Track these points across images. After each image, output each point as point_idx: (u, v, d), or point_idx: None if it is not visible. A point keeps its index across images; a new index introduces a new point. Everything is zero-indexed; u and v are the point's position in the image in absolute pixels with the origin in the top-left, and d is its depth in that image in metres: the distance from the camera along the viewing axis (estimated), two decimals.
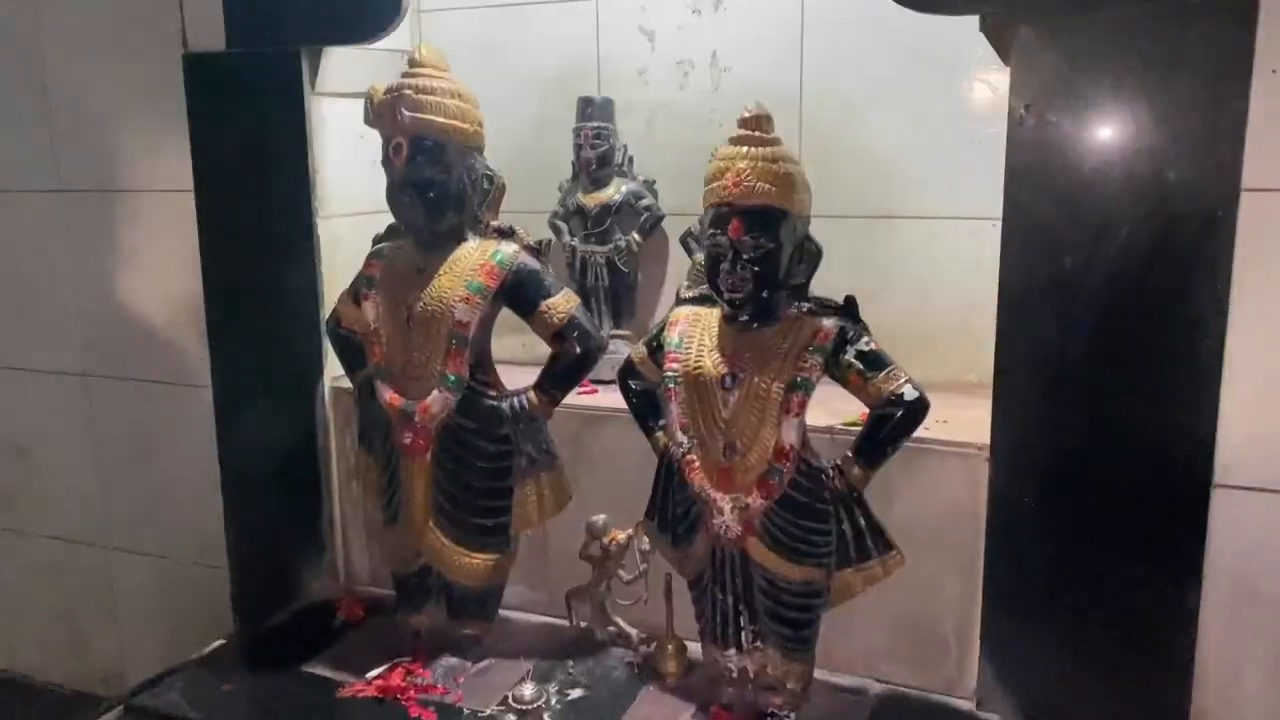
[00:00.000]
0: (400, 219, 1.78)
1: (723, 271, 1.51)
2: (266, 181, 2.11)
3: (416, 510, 1.81)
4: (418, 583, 1.90)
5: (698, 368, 1.57)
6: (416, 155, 1.70)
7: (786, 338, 1.54)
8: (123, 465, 2.46)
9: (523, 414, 1.78)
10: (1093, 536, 1.57)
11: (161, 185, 2.22)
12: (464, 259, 1.75)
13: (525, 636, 1.98)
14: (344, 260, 2.09)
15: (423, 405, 1.75)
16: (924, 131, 1.96)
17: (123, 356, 2.38)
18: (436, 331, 1.74)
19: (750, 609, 1.60)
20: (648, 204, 2.13)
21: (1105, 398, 1.54)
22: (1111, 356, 1.52)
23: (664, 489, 1.68)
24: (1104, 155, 1.47)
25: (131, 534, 2.51)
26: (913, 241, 2.01)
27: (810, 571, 1.56)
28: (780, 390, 1.51)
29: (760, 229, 1.48)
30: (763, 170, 1.48)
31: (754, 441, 1.53)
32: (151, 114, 2.18)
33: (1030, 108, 1.51)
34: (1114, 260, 1.49)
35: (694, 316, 1.63)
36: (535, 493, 1.81)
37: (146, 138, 2.20)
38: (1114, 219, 1.48)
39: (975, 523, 1.65)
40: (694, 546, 1.63)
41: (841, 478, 1.54)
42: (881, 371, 1.50)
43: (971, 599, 1.69)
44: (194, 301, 2.21)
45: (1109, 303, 1.50)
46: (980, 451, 1.65)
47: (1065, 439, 1.57)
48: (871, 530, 1.56)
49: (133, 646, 2.58)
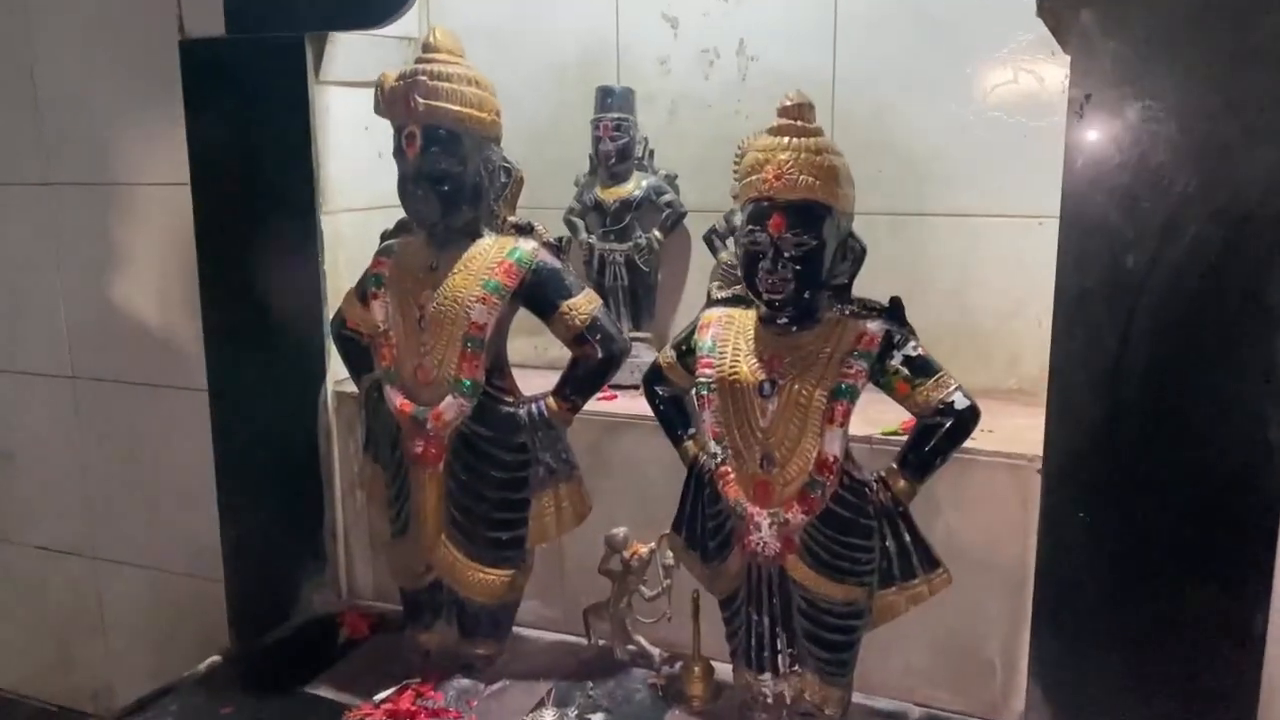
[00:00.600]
0: (412, 213, 1.68)
1: (762, 271, 1.42)
2: (267, 175, 2.01)
3: (428, 523, 1.71)
4: (428, 599, 1.80)
5: (733, 373, 1.47)
6: (430, 145, 1.60)
7: (828, 342, 1.45)
8: (113, 472, 2.37)
9: (541, 421, 1.68)
10: (1151, 555, 1.47)
11: (156, 179, 2.13)
12: (480, 256, 1.66)
13: (541, 656, 1.88)
14: (348, 258, 2.01)
15: (436, 412, 1.65)
16: (965, 125, 1.86)
17: (114, 358, 2.29)
18: (450, 333, 1.64)
19: (788, 631, 1.51)
20: (669, 200, 2.03)
21: (1168, 407, 1.44)
22: (1175, 363, 1.43)
23: (693, 502, 1.59)
24: (1171, 150, 1.37)
25: (122, 544, 2.41)
26: (951, 241, 1.91)
27: (852, 591, 1.47)
28: (823, 398, 1.42)
29: (803, 225, 1.39)
30: (806, 162, 1.39)
31: (794, 453, 1.44)
32: (146, 104, 2.09)
33: (1091, 98, 1.41)
34: (1180, 262, 1.39)
35: (727, 318, 1.54)
36: (553, 504, 1.72)
37: (141, 129, 2.11)
38: (1181, 218, 1.38)
39: (1024, 538, 1.56)
40: (727, 564, 1.54)
41: (886, 491, 1.45)
42: (930, 378, 1.42)
43: (1019, 619, 1.60)
44: (190, 301, 2.12)
45: (1174, 306, 1.41)
46: (1031, 463, 1.56)
47: (1123, 450, 1.47)
48: (917, 547, 1.47)
49: (123, 662, 2.48)
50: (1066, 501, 1.50)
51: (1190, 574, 1.46)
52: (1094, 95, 1.40)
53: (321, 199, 1.99)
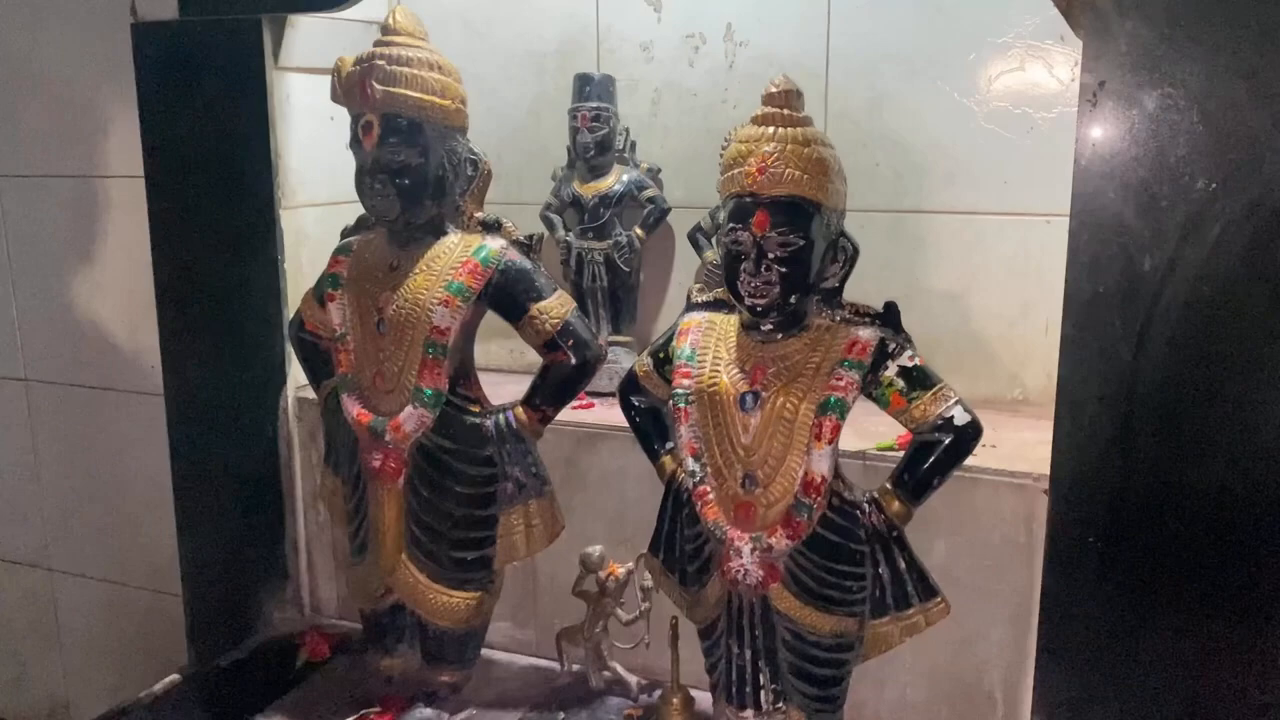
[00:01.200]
0: (370, 208, 1.56)
1: (744, 273, 1.30)
2: (224, 168, 1.90)
3: (387, 541, 1.59)
4: (389, 622, 1.69)
5: (712, 384, 1.36)
6: (389, 135, 1.48)
7: (817, 350, 1.33)
8: (67, 480, 2.26)
9: (509, 433, 1.57)
10: (1168, 583, 1.38)
11: (109, 170, 2.02)
12: (443, 255, 1.54)
13: (511, 682, 1.78)
14: (310, 255, 1.91)
15: (394, 423, 1.53)
16: (968, 115, 1.76)
17: (69, 360, 2.19)
18: (411, 338, 1.52)
19: (771, 665, 1.39)
20: (651, 195, 1.94)
21: (1186, 423, 1.34)
22: (1195, 375, 1.33)
23: (671, 522, 1.47)
24: (1192, 142, 1.28)
25: (78, 555, 2.31)
26: (953, 240, 1.82)
27: (842, 622, 1.35)
28: (810, 412, 1.30)
29: (789, 223, 1.27)
30: (792, 154, 1.27)
31: (778, 472, 1.32)
32: (97, 90, 1.98)
33: (1105, 85, 1.31)
34: (1202, 264, 1.29)
35: (707, 324, 1.42)
36: (523, 522, 1.60)
37: (92, 117, 2.00)
38: (1203, 216, 1.28)
39: (1029, 564, 1.48)
40: (706, 591, 1.42)
41: (879, 513, 1.34)
42: (928, 391, 1.30)
43: (1023, 651, 1.51)
44: (145, 301, 2.00)
45: (1194, 313, 1.31)
46: (1037, 482, 1.47)
47: (1137, 469, 1.37)
48: (913, 574, 1.36)
49: (81, 677, 2.38)
50: (1075, 524, 1.41)
51: (1210, 604, 1.36)
52: (1108, 82, 1.31)
53: (281, 193, 1.88)
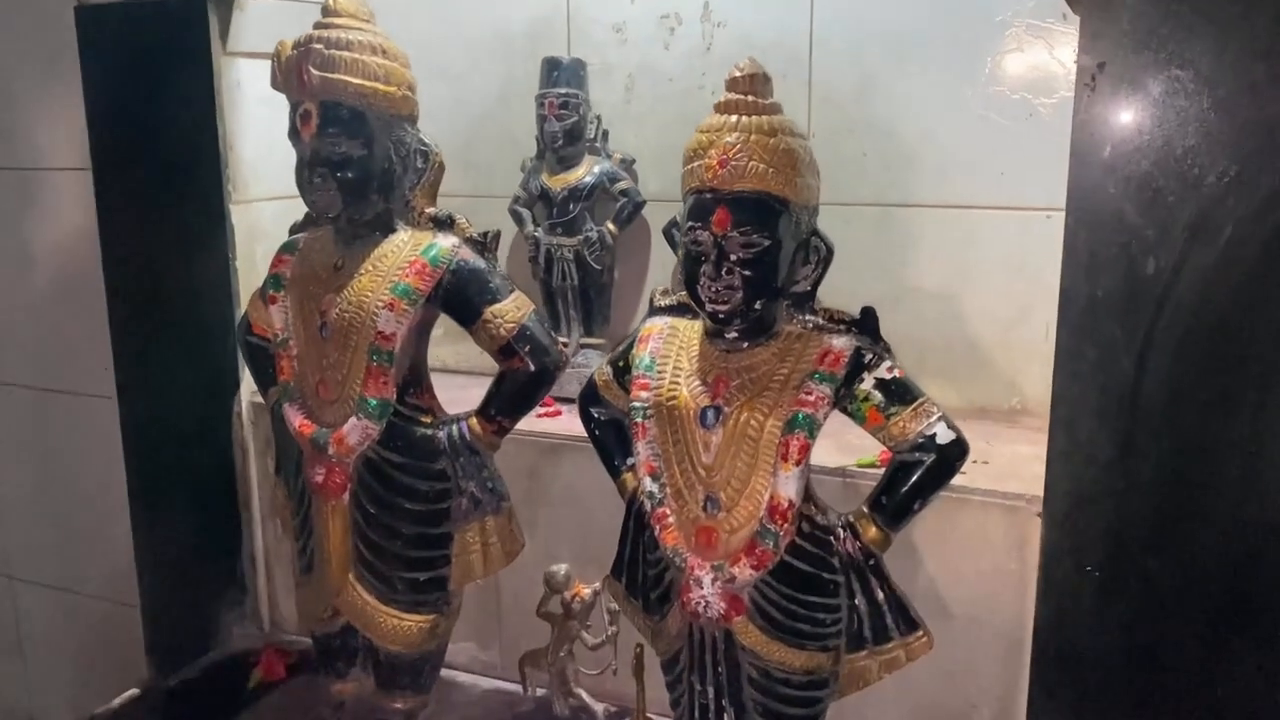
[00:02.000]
0: (311, 204, 1.45)
1: (704, 276, 1.19)
2: (172, 159, 1.80)
3: (333, 561, 1.49)
4: (339, 644, 1.59)
5: (672, 397, 1.24)
6: (328, 125, 1.38)
7: (785, 361, 1.22)
8: (24, 485, 2.18)
9: (463, 445, 1.46)
10: (1171, 615, 1.29)
11: (55, 162, 1.93)
12: (390, 255, 1.43)
13: (472, 708, 1.70)
14: (266, 252, 1.79)
15: (338, 435, 1.43)
16: (961, 102, 1.67)
17: (20, 361, 2.09)
18: (355, 344, 1.42)
19: (736, 704, 1.28)
20: (625, 187, 1.84)
21: (1192, 441, 1.24)
22: (1204, 390, 1.23)
23: (633, 544, 1.36)
24: (1202, 131, 1.17)
25: (36, 563, 2.22)
26: (944, 237, 1.74)
27: (814, 658, 1.24)
28: (776, 429, 1.19)
29: (753, 222, 1.16)
30: (757, 145, 1.16)
31: (742, 494, 1.21)
32: (40, 77, 1.89)
33: (1105, 68, 1.21)
34: (1211, 267, 1.19)
35: (670, 331, 1.31)
36: (479, 540, 1.50)
37: (35, 105, 1.92)
38: (1213, 214, 1.18)
39: (1021, 593, 1.39)
40: (667, 621, 1.31)
41: (855, 540, 1.23)
42: (908, 406, 1.19)
43: (1014, 685, 1.42)
44: (95, 300, 1.90)
45: (1202, 321, 1.21)
46: (1030, 504, 1.38)
47: (1139, 493, 1.27)
48: (892, 605, 1.25)
49: (43, 686, 2.29)
50: (1071, 552, 1.33)
51: (1218, 638, 1.28)
52: (1108, 64, 1.22)
53: (232, 186, 1.79)
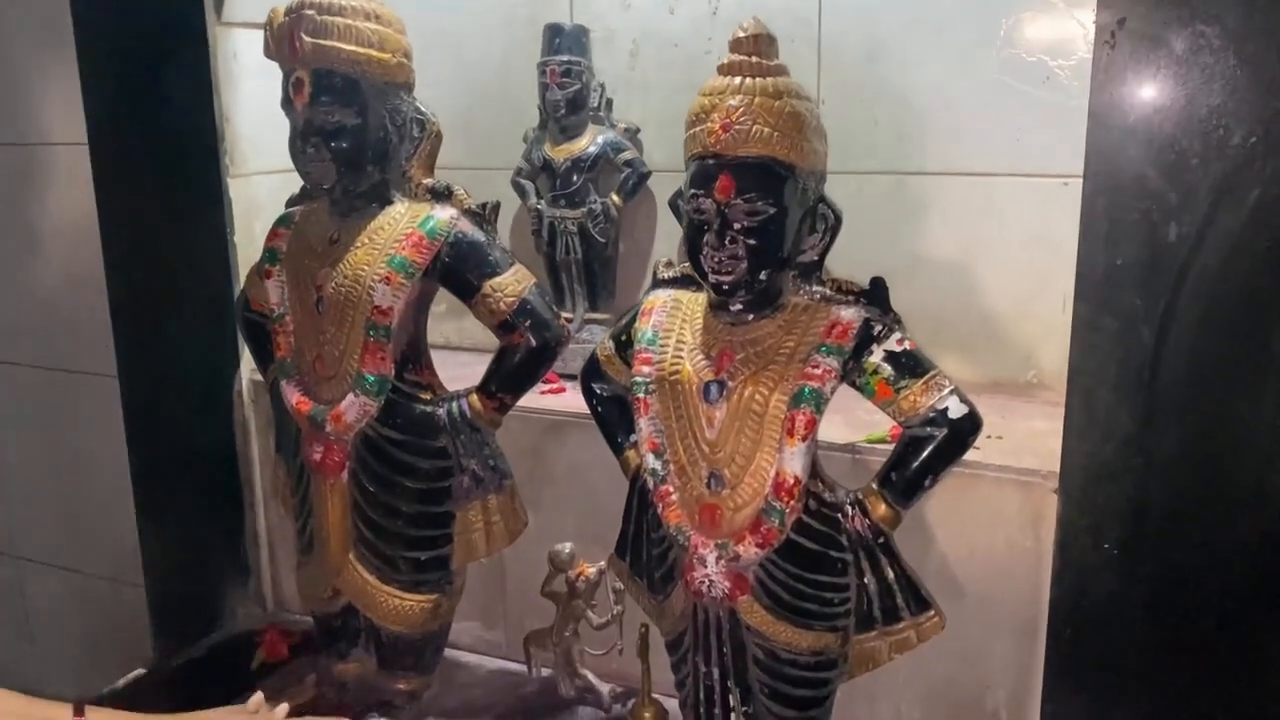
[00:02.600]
0: (305, 175, 1.42)
1: (707, 246, 1.15)
2: (168, 133, 1.76)
3: (332, 540, 1.47)
4: (341, 625, 1.57)
5: (674, 372, 1.21)
6: (321, 94, 1.35)
7: (792, 333, 1.18)
8: (29, 465, 2.14)
9: (463, 423, 1.43)
10: (1192, 594, 1.24)
11: (51, 137, 1.87)
12: (387, 227, 1.40)
13: (476, 689, 1.67)
14: (264, 228, 1.73)
15: (335, 413, 1.40)
16: (976, 65, 1.62)
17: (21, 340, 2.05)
18: (351, 319, 1.39)
19: (742, 685, 1.25)
20: (629, 158, 1.79)
21: (1215, 414, 1.20)
22: (1227, 362, 1.18)
23: (636, 522, 1.33)
24: (1228, 89, 1.12)
25: (42, 544, 2.19)
26: (958, 206, 1.68)
27: (822, 638, 1.21)
28: (781, 404, 1.15)
29: (757, 189, 1.12)
30: (761, 109, 1.12)
31: (746, 471, 1.18)
32: (35, 49, 1.83)
33: (1125, 24, 1.15)
34: (1237, 232, 1.14)
35: (673, 304, 1.27)
36: (481, 519, 1.47)
37: (31, 79, 1.86)
38: (1240, 177, 1.12)
39: (1037, 571, 1.35)
40: (671, 601, 1.28)
41: (864, 517, 1.19)
42: (919, 380, 1.15)
43: (1030, 666, 1.38)
44: (95, 277, 1.86)
45: (1226, 289, 1.16)
46: (1046, 480, 1.33)
47: (1158, 466, 1.23)
48: (902, 584, 1.22)
49: (50, 666, 2.27)
50: (1088, 530, 1.28)
51: (1241, 617, 1.23)
52: (1129, 20, 1.16)
53: (229, 160, 1.75)
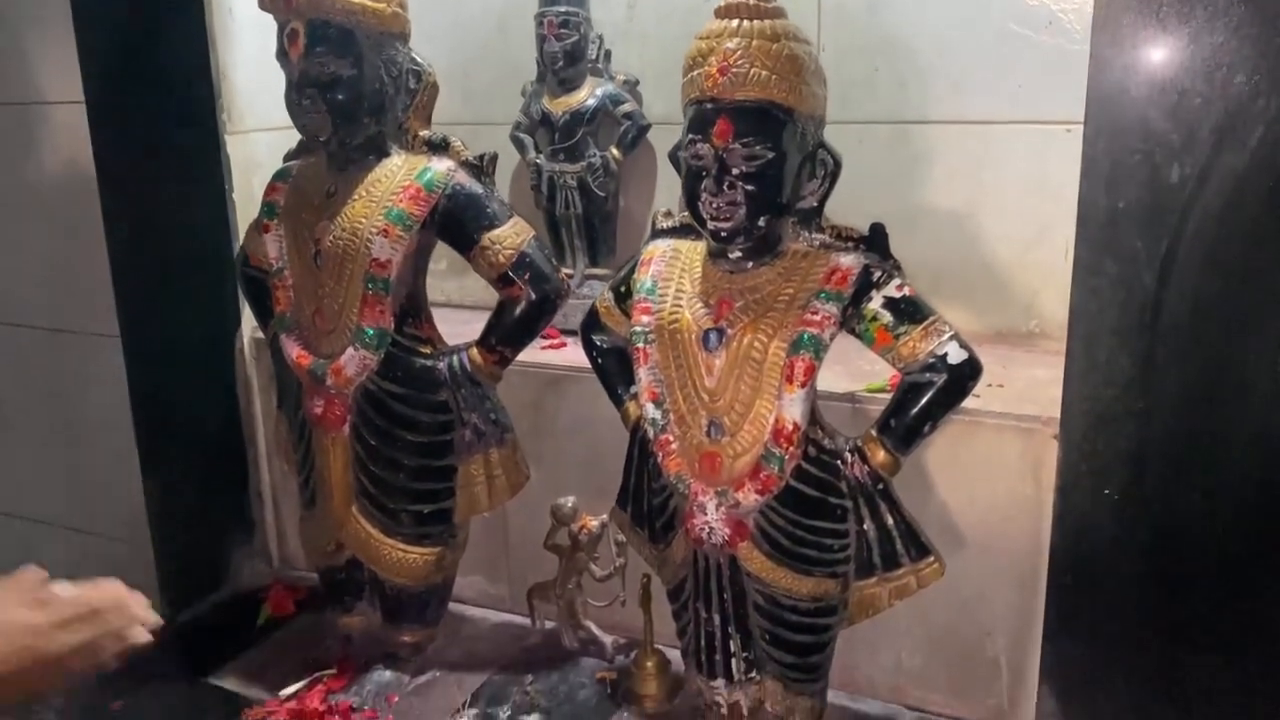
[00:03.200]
0: (301, 128, 1.41)
1: (705, 192, 1.14)
2: (164, 89, 1.74)
3: (335, 493, 1.47)
4: (345, 578, 1.58)
5: (673, 320, 1.20)
6: (316, 44, 1.34)
7: (791, 280, 1.17)
8: (34, 426, 2.14)
9: (464, 376, 1.43)
10: (1193, 540, 1.22)
11: (48, 95, 1.85)
12: (384, 180, 1.39)
13: (480, 642, 1.66)
14: (263, 185, 1.72)
15: (335, 366, 1.40)
16: (975, 12, 1.57)
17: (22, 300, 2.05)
18: (350, 272, 1.38)
19: (742, 631, 1.25)
20: (628, 110, 1.75)
21: (1217, 358, 1.17)
22: (1230, 304, 1.15)
23: (637, 473, 1.33)
24: (1231, 27, 1.08)
25: (49, 504, 2.20)
26: (959, 155, 1.63)
27: (822, 584, 1.21)
28: (780, 350, 1.14)
29: (755, 133, 1.11)
30: (759, 51, 1.10)
31: (745, 418, 1.17)
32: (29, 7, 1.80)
33: None
34: (1241, 172, 1.11)
35: (672, 253, 1.26)
36: (483, 473, 1.47)
37: (26, 37, 1.83)
38: (1243, 116, 1.09)
39: (1037, 518, 1.33)
40: (672, 549, 1.28)
41: (863, 464, 1.18)
42: (918, 326, 1.15)
43: (1030, 613, 1.36)
44: (95, 236, 1.85)
45: (1230, 232, 1.13)
46: (1047, 426, 1.31)
47: (1160, 415, 1.20)
48: (902, 531, 1.21)
49: None
50: (1089, 475, 1.26)
51: (1241, 563, 1.21)
52: None
53: (226, 116, 1.73)
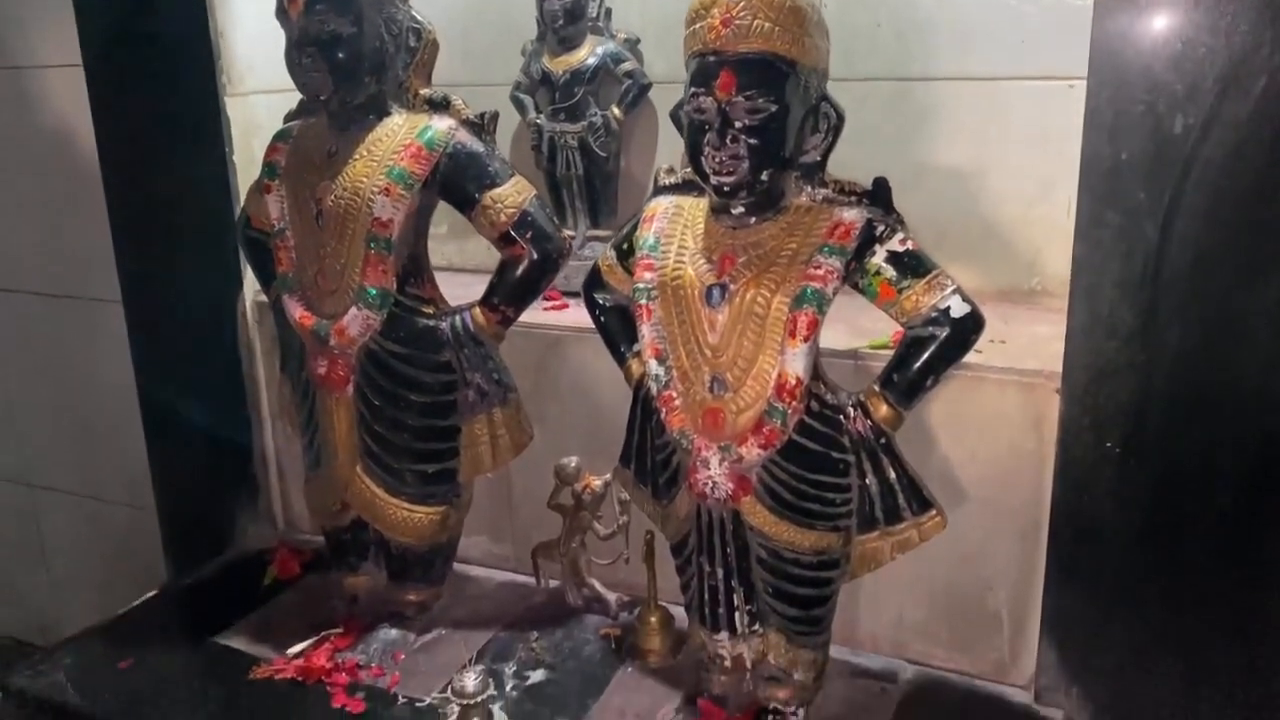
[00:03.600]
0: (302, 87, 1.40)
1: (708, 146, 1.13)
2: (163, 51, 1.73)
3: (340, 454, 1.48)
4: (351, 538, 1.58)
5: (676, 277, 1.20)
6: (316, 2, 1.33)
7: (794, 235, 1.16)
8: (38, 393, 2.16)
9: (467, 336, 1.43)
10: (1193, 492, 1.23)
11: (47, 59, 1.86)
12: (385, 139, 1.39)
13: (485, 600, 1.67)
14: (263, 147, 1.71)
15: (338, 327, 1.40)
16: None
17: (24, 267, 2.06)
18: (351, 232, 1.38)
19: (745, 585, 1.26)
20: (630, 69, 1.73)
21: (1218, 309, 1.18)
22: (1232, 256, 1.16)
23: (641, 431, 1.33)
24: None
25: (55, 470, 2.22)
26: (963, 111, 1.61)
27: (824, 537, 1.21)
28: (783, 305, 1.14)
29: (758, 86, 1.10)
30: (762, 4, 1.09)
31: (748, 374, 1.17)
32: None
33: None
34: (1245, 122, 1.11)
35: (675, 210, 1.26)
36: (487, 432, 1.47)
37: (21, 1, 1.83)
38: (1247, 66, 1.09)
39: (1039, 472, 1.32)
40: (675, 504, 1.28)
41: (866, 418, 1.18)
42: (921, 279, 1.14)
43: (1032, 566, 1.36)
44: (95, 201, 1.86)
45: (1233, 183, 1.13)
46: (1049, 381, 1.30)
47: (1161, 367, 1.21)
48: (904, 485, 1.21)
49: (66, 591, 2.31)
50: (1090, 428, 1.27)
51: (1241, 515, 1.22)
52: None
53: (226, 79, 1.72)
